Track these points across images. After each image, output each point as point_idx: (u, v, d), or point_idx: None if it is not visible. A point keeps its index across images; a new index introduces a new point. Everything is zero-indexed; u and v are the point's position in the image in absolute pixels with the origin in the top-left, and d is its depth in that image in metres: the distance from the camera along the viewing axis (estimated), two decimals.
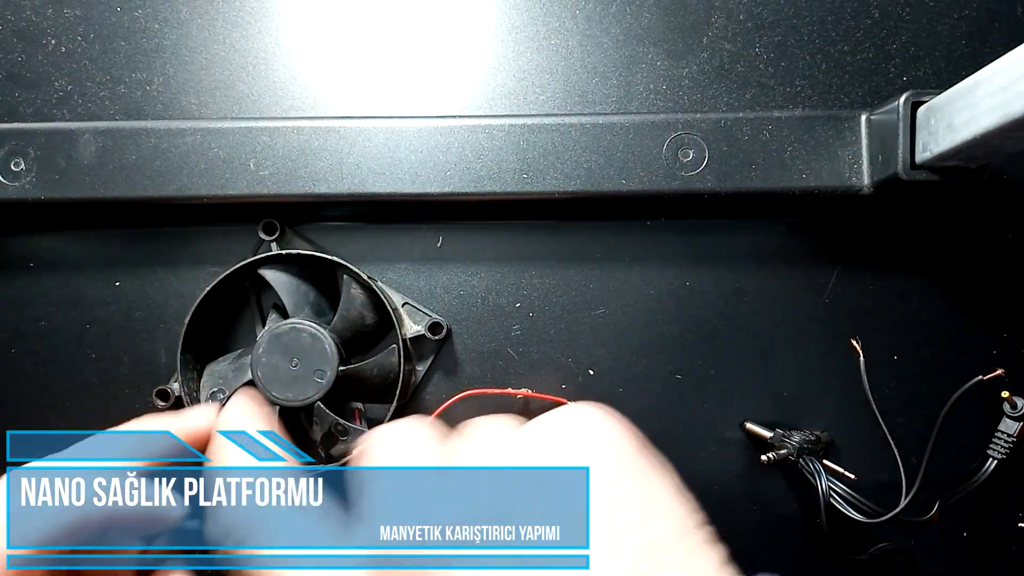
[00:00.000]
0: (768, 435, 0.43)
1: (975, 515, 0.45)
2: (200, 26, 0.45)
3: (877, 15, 0.45)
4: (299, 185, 0.41)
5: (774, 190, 0.41)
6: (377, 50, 0.45)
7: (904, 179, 0.38)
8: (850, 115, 0.41)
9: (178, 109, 0.45)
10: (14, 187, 0.41)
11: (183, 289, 0.44)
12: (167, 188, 0.41)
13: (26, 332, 0.45)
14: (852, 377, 0.44)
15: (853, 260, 0.45)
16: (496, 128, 0.41)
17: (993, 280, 0.45)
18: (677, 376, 0.45)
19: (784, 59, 0.45)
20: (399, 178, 0.41)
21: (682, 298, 0.45)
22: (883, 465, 0.43)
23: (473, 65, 0.45)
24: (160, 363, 0.44)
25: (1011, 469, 0.43)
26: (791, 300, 0.45)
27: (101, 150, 0.41)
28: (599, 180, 0.41)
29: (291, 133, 0.41)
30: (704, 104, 0.45)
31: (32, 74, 0.45)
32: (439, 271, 0.45)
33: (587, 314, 0.45)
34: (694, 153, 0.41)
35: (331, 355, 0.40)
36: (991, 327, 0.44)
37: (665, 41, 0.45)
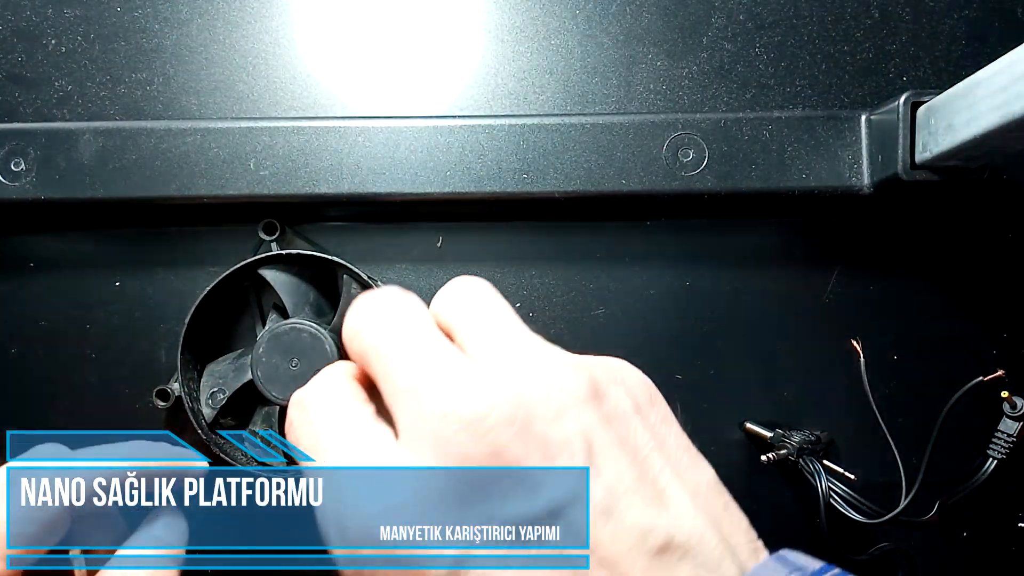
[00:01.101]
0: (768, 435, 0.43)
1: (975, 515, 0.45)
2: (200, 26, 0.45)
3: (877, 15, 0.45)
4: (299, 185, 0.41)
5: (774, 190, 0.41)
6: (377, 50, 0.45)
7: (904, 179, 0.38)
8: (850, 115, 0.41)
9: (178, 109, 0.45)
10: (14, 187, 0.41)
11: (183, 289, 0.44)
12: (167, 188, 0.41)
13: (26, 332, 0.45)
14: (852, 377, 0.44)
15: (853, 260, 0.45)
16: (496, 128, 0.41)
17: (993, 280, 0.45)
18: (677, 376, 0.45)
19: (784, 59, 0.45)
20: (399, 178, 0.41)
21: (682, 298, 0.45)
22: (883, 465, 0.43)
23: (473, 65, 0.45)
24: (160, 363, 0.44)
25: (1011, 469, 0.43)
26: (791, 300, 0.45)
27: (101, 150, 0.41)
28: (599, 180, 0.41)
29: (291, 133, 0.41)
30: (704, 104, 0.45)
31: (32, 74, 0.45)
32: (439, 271, 0.45)
33: (587, 314, 0.45)
34: (694, 153, 0.41)
35: (331, 355, 0.40)
36: (991, 327, 0.44)
37: (665, 41, 0.45)
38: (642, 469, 0.24)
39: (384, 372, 0.26)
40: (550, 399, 0.24)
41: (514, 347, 0.26)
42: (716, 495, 0.26)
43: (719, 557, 0.23)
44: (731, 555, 0.23)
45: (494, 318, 0.27)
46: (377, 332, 0.27)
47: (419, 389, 0.24)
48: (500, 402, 0.23)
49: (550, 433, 0.23)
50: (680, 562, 0.23)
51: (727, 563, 0.23)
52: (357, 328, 0.27)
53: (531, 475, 0.23)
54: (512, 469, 0.23)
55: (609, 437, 0.24)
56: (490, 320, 0.27)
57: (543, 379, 0.25)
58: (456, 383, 0.24)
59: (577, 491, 0.23)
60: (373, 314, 0.27)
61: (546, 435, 0.23)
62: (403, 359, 0.26)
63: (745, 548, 0.25)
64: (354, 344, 0.27)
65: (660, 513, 0.23)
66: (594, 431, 0.24)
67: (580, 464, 0.23)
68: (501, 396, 0.24)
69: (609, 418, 0.25)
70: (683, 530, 0.23)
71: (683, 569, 0.23)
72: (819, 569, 0.23)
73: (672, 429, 0.26)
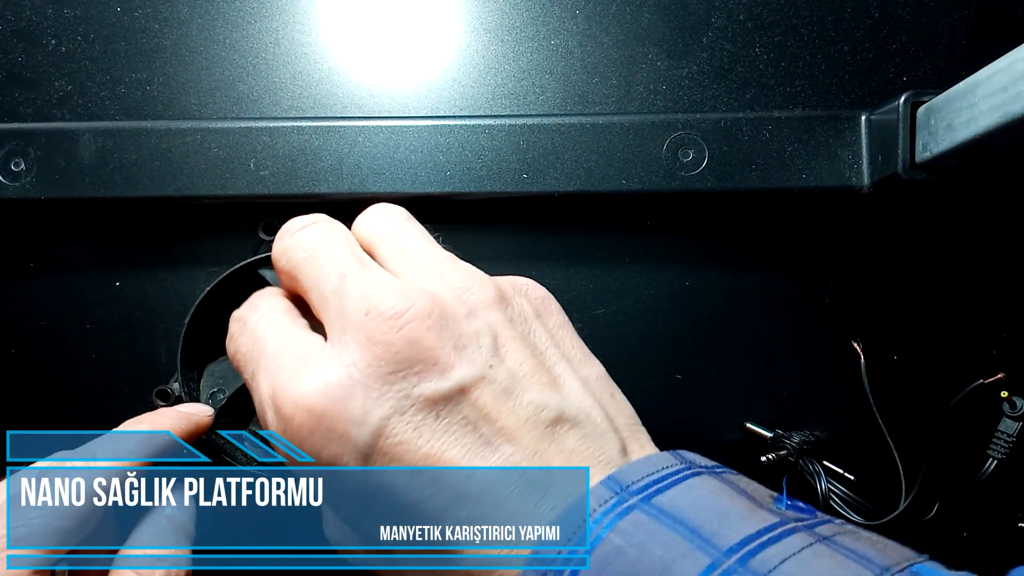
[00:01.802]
0: (768, 435, 0.43)
1: (975, 515, 0.45)
2: (200, 26, 0.45)
3: (877, 15, 0.45)
4: (299, 185, 0.41)
5: (774, 190, 0.41)
6: (377, 50, 0.45)
7: (904, 179, 0.38)
8: (850, 115, 0.41)
9: (178, 109, 0.45)
10: (14, 187, 0.41)
11: (183, 289, 0.44)
12: (167, 188, 0.41)
13: (26, 332, 0.45)
14: (852, 377, 0.44)
15: (853, 260, 0.45)
16: (496, 128, 0.41)
17: (994, 280, 0.45)
18: (677, 376, 0.45)
19: (784, 59, 0.45)
20: (399, 178, 0.41)
21: (682, 298, 0.45)
22: (883, 466, 0.43)
23: (473, 65, 0.45)
24: (160, 363, 0.44)
25: (1011, 469, 0.43)
26: (791, 300, 0.45)
27: (101, 150, 0.41)
28: (599, 180, 0.41)
29: (291, 133, 0.41)
30: (704, 104, 0.45)
31: (32, 74, 0.45)
32: None
33: (587, 314, 0.45)
34: (694, 153, 0.41)
35: None
36: (991, 327, 0.44)
37: (665, 41, 0.45)
38: (539, 360, 0.28)
39: (313, 281, 0.29)
40: (461, 301, 0.28)
41: (429, 260, 0.30)
42: (604, 385, 0.30)
43: (603, 431, 0.27)
44: (614, 431, 0.28)
45: (409, 236, 0.31)
46: (305, 247, 0.30)
47: (345, 293, 0.27)
48: (419, 301, 0.27)
49: (461, 328, 0.27)
50: (569, 432, 0.27)
51: (610, 436, 0.27)
52: (287, 244, 0.31)
53: (443, 360, 0.26)
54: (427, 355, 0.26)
55: (512, 333, 0.28)
56: (406, 237, 0.31)
57: (456, 285, 0.28)
58: (377, 286, 0.27)
59: (483, 374, 0.26)
60: (302, 233, 0.31)
61: (458, 329, 0.27)
62: (329, 268, 0.29)
63: (627, 428, 0.29)
64: (283, 260, 0.31)
65: (553, 394, 0.27)
66: (499, 328, 0.28)
67: (487, 354, 0.27)
68: (419, 297, 0.27)
69: (512, 320, 0.29)
70: (572, 407, 0.27)
71: (571, 437, 0.27)
72: (712, 465, 0.27)
73: (568, 332, 0.31)
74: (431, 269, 0.29)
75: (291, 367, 0.27)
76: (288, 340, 0.29)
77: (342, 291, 0.28)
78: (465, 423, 0.26)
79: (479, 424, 0.26)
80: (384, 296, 0.27)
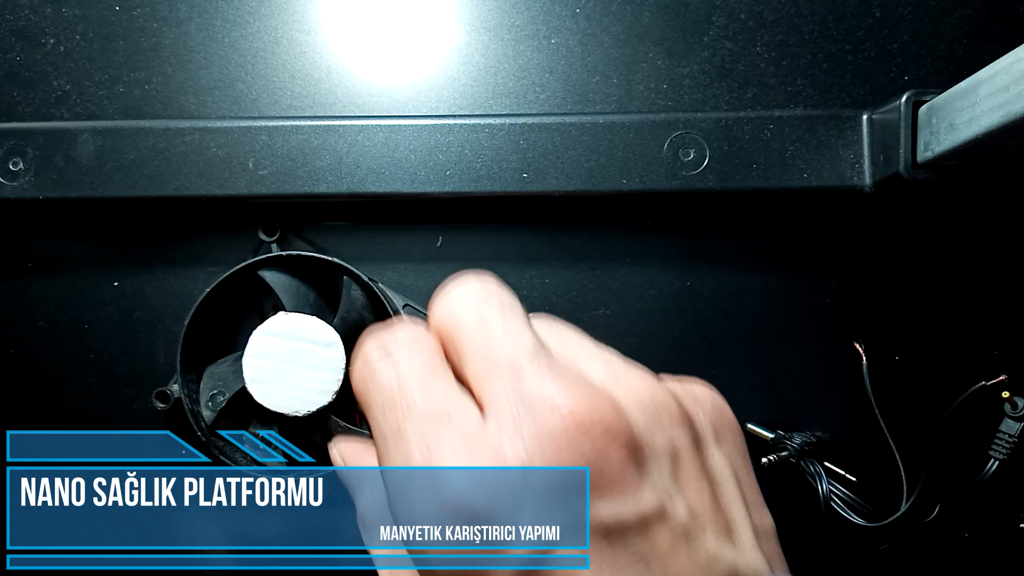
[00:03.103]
0: (769, 436, 0.43)
1: (976, 515, 0.45)
2: (199, 25, 0.45)
3: (878, 14, 0.45)
4: (299, 185, 0.41)
5: (775, 189, 0.41)
6: (377, 49, 0.45)
7: (906, 178, 0.38)
8: (851, 114, 0.41)
9: (177, 108, 0.45)
10: (12, 187, 0.41)
11: (183, 289, 0.44)
12: (166, 188, 0.41)
13: (25, 332, 0.44)
14: (853, 378, 0.44)
15: (854, 260, 0.45)
16: (496, 128, 0.41)
17: (996, 280, 0.44)
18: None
19: (785, 58, 0.45)
20: (399, 178, 0.41)
21: (682, 298, 0.45)
22: (884, 467, 0.43)
23: (473, 64, 0.45)
24: (159, 364, 0.44)
25: (1012, 469, 0.43)
26: (792, 300, 0.45)
27: (100, 150, 0.41)
28: (599, 180, 0.41)
29: (290, 133, 0.41)
30: (705, 103, 0.45)
31: (30, 73, 0.45)
32: (439, 271, 0.45)
33: (587, 314, 0.45)
34: (695, 152, 0.41)
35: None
36: (993, 327, 0.44)
37: (666, 40, 0.45)
38: (716, 498, 0.25)
39: (480, 347, 0.25)
40: (646, 412, 0.24)
41: (598, 359, 0.26)
42: (774, 543, 0.27)
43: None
44: None
45: (571, 332, 0.28)
46: (478, 307, 0.26)
47: (523, 373, 0.24)
48: (603, 406, 0.23)
49: (643, 444, 0.24)
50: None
51: None
52: (457, 301, 0.27)
53: (627, 481, 0.23)
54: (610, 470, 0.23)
55: (691, 456, 0.25)
56: (568, 333, 0.27)
57: (638, 391, 0.25)
58: (562, 378, 0.24)
59: (663, 506, 0.23)
60: (474, 291, 0.27)
61: (640, 446, 0.23)
62: (505, 339, 0.25)
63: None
64: (447, 314, 0.27)
65: (728, 547, 0.24)
66: (681, 449, 0.25)
67: (667, 480, 0.24)
68: (604, 400, 0.24)
69: (694, 440, 0.25)
70: (746, 567, 0.24)
71: None
72: None
73: (744, 461, 0.27)
74: (605, 369, 0.26)
75: (454, 444, 0.24)
76: (447, 404, 0.25)
77: (518, 370, 0.24)
78: (637, 560, 0.23)
79: (652, 564, 0.23)
80: (570, 392, 0.23)
